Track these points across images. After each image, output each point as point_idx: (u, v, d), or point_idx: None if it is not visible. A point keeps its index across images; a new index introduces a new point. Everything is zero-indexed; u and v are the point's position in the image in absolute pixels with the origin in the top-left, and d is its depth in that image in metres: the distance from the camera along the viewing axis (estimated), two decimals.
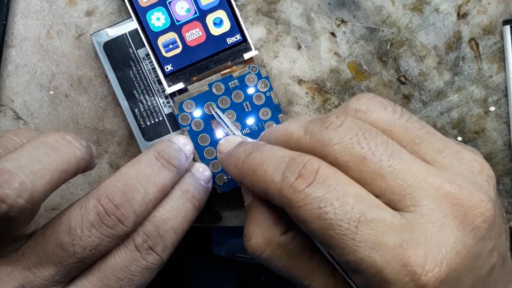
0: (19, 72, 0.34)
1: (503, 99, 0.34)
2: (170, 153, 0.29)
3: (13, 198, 0.22)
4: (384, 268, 0.21)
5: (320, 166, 0.23)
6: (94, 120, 0.34)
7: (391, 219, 0.22)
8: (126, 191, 0.26)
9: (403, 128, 0.25)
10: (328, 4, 0.33)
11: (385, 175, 0.23)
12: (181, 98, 0.32)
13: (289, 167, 0.23)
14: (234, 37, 0.32)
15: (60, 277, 0.25)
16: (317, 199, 0.22)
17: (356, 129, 0.23)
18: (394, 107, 0.25)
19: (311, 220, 0.22)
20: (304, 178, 0.22)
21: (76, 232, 0.25)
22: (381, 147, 0.23)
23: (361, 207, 0.22)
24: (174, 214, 0.28)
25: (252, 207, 0.27)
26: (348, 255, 0.22)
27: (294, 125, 0.25)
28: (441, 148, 0.25)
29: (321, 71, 0.34)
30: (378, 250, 0.21)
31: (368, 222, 0.21)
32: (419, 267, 0.21)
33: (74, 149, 0.25)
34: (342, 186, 0.22)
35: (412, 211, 0.22)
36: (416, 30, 0.33)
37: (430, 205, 0.22)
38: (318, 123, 0.24)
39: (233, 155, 0.27)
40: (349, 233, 0.21)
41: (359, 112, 0.25)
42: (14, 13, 0.33)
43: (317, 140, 0.24)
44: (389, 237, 0.21)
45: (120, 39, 0.32)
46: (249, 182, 0.25)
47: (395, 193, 0.23)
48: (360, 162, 0.23)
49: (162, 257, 0.27)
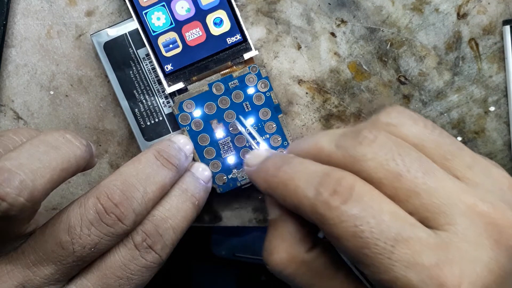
0: (19, 72, 0.34)
1: (503, 99, 0.34)
2: (170, 152, 0.29)
3: (13, 197, 0.22)
4: (420, 287, 0.21)
5: (356, 182, 0.22)
6: (94, 120, 0.34)
7: (426, 238, 0.21)
8: (126, 190, 0.26)
9: (434, 143, 0.24)
10: (328, 4, 0.33)
11: (420, 192, 0.22)
12: (181, 98, 0.32)
13: (323, 183, 0.23)
14: (234, 37, 0.32)
15: (59, 276, 0.25)
16: (353, 217, 0.21)
17: (390, 145, 0.23)
18: (424, 121, 0.25)
19: (346, 238, 0.21)
20: (340, 195, 0.22)
21: (75, 230, 0.25)
22: (416, 163, 0.23)
23: (397, 226, 0.21)
24: (173, 213, 0.28)
25: (278, 221, 0.26)
26: (383, 274, 0.21)
27: (324, 139, 0.25)
28: (471, 164, 0.24)
29: (321, 71, 0.34)
30: (414, 269, 0.21)
31: (405, 241, 0.21)
32: (456, 287, 0.21)
33: (74, 147, 0.25)
34: (378, 204, 0.22)
35: (446, 229, 0.22)
36: (416, 30, 0.33)
37: (465, 224, 0.22)
38: (350, 138, 0.24)
39: (262, 169, 0.26)
40: (385, 252, 0.21)
41: (390, 127, 0.25)
42: (14, 13, 0.33)
43: (350, 155, 0.23)
44: (425, 256, 0.21)
45: (120, 39, 0.32)
46: (280, 196, 0.25)
47: (429, 211, 0.22)
48: (395, 179, 0.22)
49: (161, 256, 0.27)
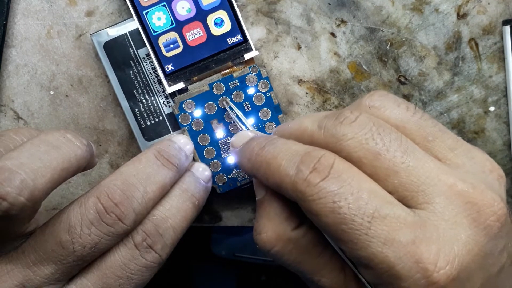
0: (20, 72, 0.34)
1: (503, 99, 0.34)
2: (170, 152, 0.29)
3: (13, 196, 0.22)
4: (396, 264, 0.21)
5: (335, 160, 0.23)
6: (94, 120, 0.34)
7: (404, 216, 0.22)
8: (126, 190, 0.26)
9: (416, 125, 0.25)
10: (328, 4, 0.33)
11: (398, 171, 0.23)
12: (182, 98, 0.32)
13: (304, 161, 0.23)
14: (235, 37, 0.32)
15: (60, 275, 0.25)
16: (331, 194, 0.22)
17: (370, 125, 0.23)
18: (407, 104, 0.25)
19: (325, 214, 0.22)
20: (319, 172, 0.22)
21: (75, 230, 0.25)
22: (395, 143, 0.23)
23: (375, 203, 0.22)
24: (173, 213, 0.28)
25: (264, 202, 0.27)
26: (360, 250, 0.22)
27: (308, 120, 0.25)
28: (453, 146, 0.25)
29: (321, 71, 0.34)
30: (390, 246, 0.21)
31: (382, 218, 0.21)
32: (432, 264, 0.21)
33: (74, 147, 0.25)
34: (356, 181, 0.22)
35: (424, 208, 0.22)
36: (416, 30, 0.33)
37: (443, 203, 0.22)
38: (332, 118, 0.24)
39: (246, 149, 0.27)
40: (362, 228, 0.21)
41: (372, 109, 0.25)
42: (15, 13, 0.33)
43: (331, 135, 0.24)
44: (402, 233, 0.21)
45: (121, 39, 0.32)
46: (263, 176, 0.25)
47: (408, 190, 0.23)
48: (374, 158, 0.23)
49: (161, 256, 0.27)
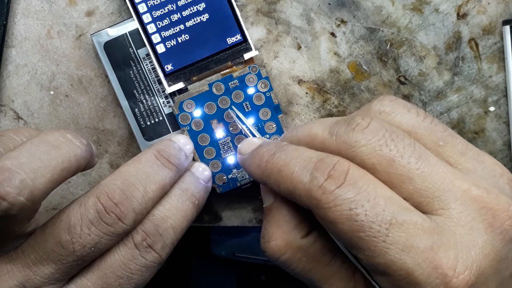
0: (20, 72, 0.34)
1: (503, 99, 0.34)
2: (170, 152, 0.29)
3: (13, 196, 0.22)
4: (415, 270, 0.21)
5: (350, 167, 0.22)
6: (94, 120, 0.34)
7: (421, 222, 0.22)
8: (126, 189, 0.26)
9: (427, 130, 0.25)
10: (328, 4, 0.33)
11: (413, 177, 0.22)
12: (181, 98, 0.32)
13: (318, 168, 0.23)
14: (235, 37, 0.32)
15: (59, 275, 0.25)
16: (347, 201, 0.22)
17: (383, 131, 0.23)
18: (417, 109, 0.25)
19: (341, 221, 0.22)
20: (334, 179, 0.22)
21: (75, 230, 0.25)
22: (409, 149, 0.23)
23: (392, 210, 0.22)
24: (173, 213, 0.28)
25: (273, 209, 0.26)
26: (378, 257, 0.21)
27: (318, 127, 0.25)
28: (463, 151, 0.25)
29: (321, 71, 0.34)
30: (409, 252, 0.21)
31: (399, 225, 0.21)
32: (450, 270, 0.21)
33: (74, 147, 0.25)
34: (372, 188, 0.22)
35: (440, 214, 0.22)
36: (416, 30, 0.33)
37: (459, 208, 0.22)
38: (344, 125, 0.24)
39: (255, 156, 0.26)
40: (380, 235, 0.21)
41: (383, 114, 0.25)
42: (15, 13, 0.33)
43: (343, 141, 0.23)
44: (419, 239, 0.21)
45: (121, 39, 0.32)
46: (274, 183, 0.25)
47: (423, 196, 0.22)
48: (388, 165, 0.23)
49: (161, 256, 0.27)
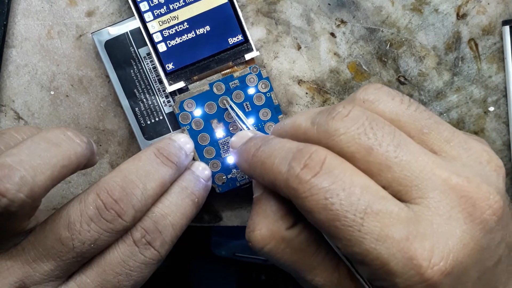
0: (20, 72, 0.34)
1: (502, 99, 0.34)
2: (170, 150, 0.29)
3: (13, 193, 0.22)
4: (390, 261, 0.21)
5: (327, 156, 0.22)
6: (94, 120, 0.34)
7: (397, 211, 0.21)
8: (126, 186, 0.26)
9: (411, 118, 0.24)
10: (327, 4, 0.33)
11: (391, 166, 0.22)
12: (182, 97, 0.32)
13: (295, 158, 0.23)
14: (236, 37, 0.32)
15: (59, 272, 0.25)
16: (323, 190, 0.22)
17: (363, 119, 0.23)
18: (402, 97, 0.25)
19: (317, 211, 0.22)
20: (310, 169, 0.22)
21: (75, 226, 0.25)
22: (388, 137, 0.23)
23: (368, 199, 0.21)
24: (173, 210, 0.28)
25: (260, 199, 0.27)
26: (353, 247, 0.21)
27: (301, 117, 0.25)
28: (449, 138, 0.24)
29: (320, 71, 0.34)
30: (383, 242, 0.21)
31: (374, 214, 0.21)
32: (425, 261, 0.21)
33: (74, 145, 0.25)
34: (348, 176, 0.22)
35: (418, 203, 0.22)
36: (415, 31, 0.33)
37: (437, 197, 0.22)
38: (325, 114, 0.24)
39: (244, 150, 0.27)
40: (355, 224, 0.21)
41: (366, 102, 0.25)
42: (15, 14, 0.33)
43: (323, 130, 0.23)
44: (395, 229, 0.21)
45: (122, 38, 0.32)
46: (259, 175, 0.25)
47: (401, 184, 0.22)
48: (367, 153, 0.22)
49: (160, 253, 0.27)
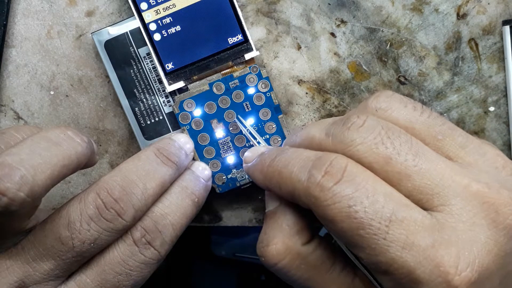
0: (20, 72, 0.34)
1: (503, 99, 0.34)
2: (170, 150, 0.29)
3: (13, 192, 0.22)
4: (417, 268, 0.21)
5: (348, 163, 0.22)
6: (94, 120, 0.34)
7: (421, 219, 0.21)
8: (126, 186, 0.26)
9: (425, 125, 0.24)
10: (328, 4, 0.33)
11: (411, 175, 0.22)
12: (182, 97, 0.32)
13: (315, 165, 0.22)
14: (236, 37, 0.32)
15: (59, 271, 0.25)
16: (346, 198, 0.21)
17: (379, 128, 0.23)
18: (414, 104, 0.25)
19: (340, 219, 0.21)
20: (332, 176, 0.22)
21: (75, 226, 0.25)
22: (406, 146, 0.22)
23: (392, 206, 0.21)
24: (172, 210, 0.28)
25: (275, 213, 0.26)
26: (378, 256, 0.21)
27: (315, 129, 0.25)
28: (464, 144, 0.24)
29: (321, 71, 0.34)
30: (410, 250, 0.21)
31: (399, 222, 0.21)
32: (452, 268, 0.21)
33: (75, 144, 0.25)
34: (371, 184, 0.22)
35: (441, 210, 0.22)
36: (415, 31, 0.33)
37: (459, 204, 0.22)
38: (339, 124, 0.24)
39: (258, 162, 0.26)
40: (380, 232, 0.21)
41: (379, 111, 0.25)
42: (15, 13, 0.33)
43: (339, 141, 0.23)
44: (420, 237, 0.21)
45: (121, 37, 0.32)
46: (275, 185, 0.25)
47: (422, 193, 0.22)
48: (385, 163, 0.22)
49: (160, 252, 0.27)
